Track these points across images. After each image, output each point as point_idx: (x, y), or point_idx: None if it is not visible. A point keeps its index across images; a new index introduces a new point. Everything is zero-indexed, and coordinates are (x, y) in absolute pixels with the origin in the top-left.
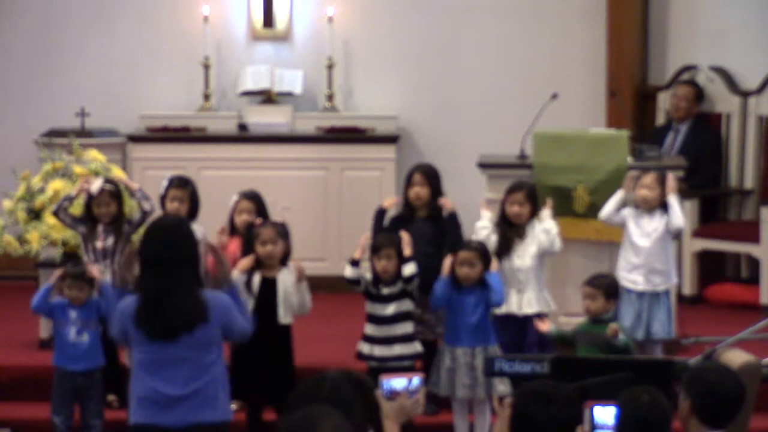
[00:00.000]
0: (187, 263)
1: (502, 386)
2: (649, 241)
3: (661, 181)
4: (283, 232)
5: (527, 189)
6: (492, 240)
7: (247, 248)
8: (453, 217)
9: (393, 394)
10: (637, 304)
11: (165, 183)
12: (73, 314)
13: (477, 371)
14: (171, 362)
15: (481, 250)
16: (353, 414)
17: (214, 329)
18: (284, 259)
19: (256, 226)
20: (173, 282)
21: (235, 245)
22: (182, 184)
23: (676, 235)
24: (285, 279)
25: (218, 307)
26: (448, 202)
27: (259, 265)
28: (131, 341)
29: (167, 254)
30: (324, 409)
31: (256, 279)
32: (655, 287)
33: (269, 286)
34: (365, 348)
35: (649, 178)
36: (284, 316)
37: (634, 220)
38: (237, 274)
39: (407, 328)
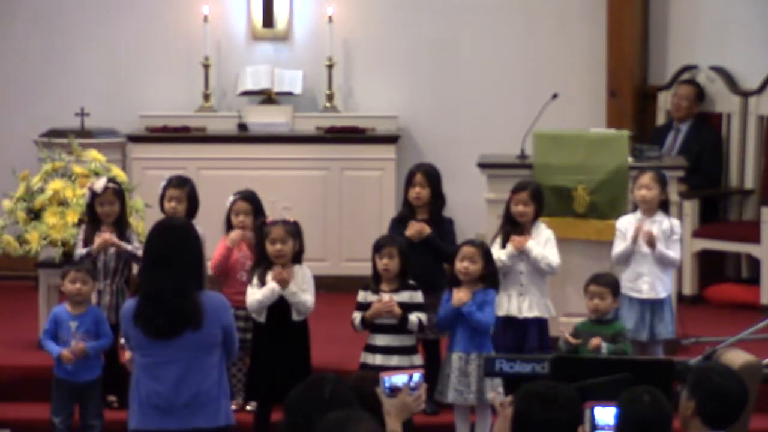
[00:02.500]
0: (190, 265)
1: (493, 393)
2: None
3: (659, 180)
4: (294, 231)
5: (532, 188)
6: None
7: (259, 247)
8: (449, 223)
9: (394, 391)
10: (640, 307)
11: (164, 183)
12: (73, 326)
13: (470, 377)
14: (171, 365)
15: (483, 247)
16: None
17: (215, 331)
18: (297, 258)
19: (267, 225)
20: (174, 282)
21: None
22: (180, 184)
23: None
24: (295, 276)
25: (218, 308)
26: (425, 229)
27: (271, 263)
28: (132, 343)
29: (171, 255)
30: (358, 413)
31: (269, 277)
32: (658, 294)
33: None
34: (368, 358)
35: (647, 178)
36: (297, 314)
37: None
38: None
39: (409, 340)
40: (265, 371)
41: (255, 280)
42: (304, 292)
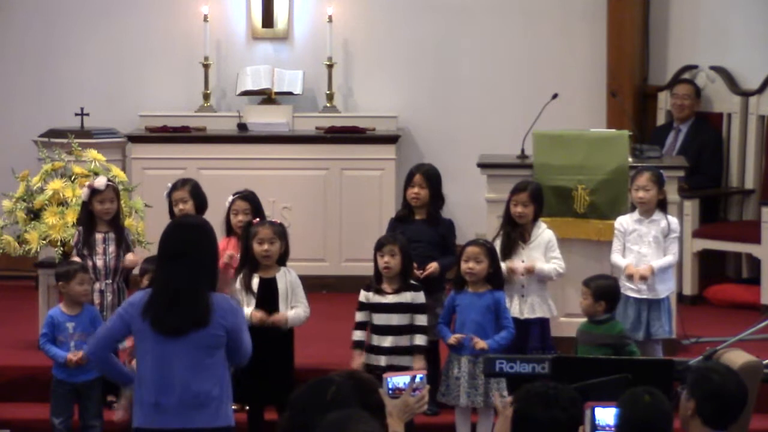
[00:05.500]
0: (204, 263)
1: (497, 394)
2: (651, 249)
3: (656, 180)
4: (281, 232)
5: (531, 189)
6: None
7: (245, 247)
8: (451, 226)
9: (397, 392)
10: (637, 306)
11: (167, 191)
12: (70, 327)
13: (478, 380)
14: (174, 363)
15: (488, 246)
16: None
17: (219, 332)
18: (282, 259)
19: (253, 225)
20: (188, 280)
21: (232, 245)
22: (183, 184)
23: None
24: (284, 278)
25: (225, 310)
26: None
27: (256, 265)
28: (135, 338)
29: (188, 252)
30: (358, 413)
31: (255, 280)
32: (657, 295)
33: (268, 286)
34: (372, 360)
35: (644, 179)
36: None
37: (635, 230)
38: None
39: (411, 341)
40: (247, 374)
41: (238, 284)
42: (296, 307)
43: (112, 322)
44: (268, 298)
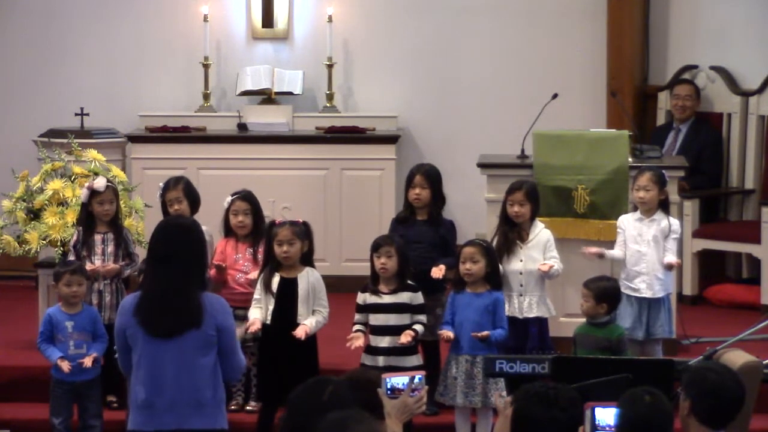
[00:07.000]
0: (194, 264)
1: (496, 395)
2: (650, 249)
3: (657, 181)
4: (301, 232)
5: (527, 188)
6: None
7: (267, 248)
8: (451, 227)
9: (395, 392)
10: (637, 306)
11: (160, 191)
12: (69, 326)
13: (475, 380)
14: (168, 364)
15: (485, 246)
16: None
17: (211, 331)
18: (306, 259)
19: (275, 225)
20: (178, 281)
21: (230, 246)
22: (175, 184)
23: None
24: (305, 279)
25: (215, 309)
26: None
27: (278, 265)
28: (129, 340)
29: (177, 253)
30: (357, 413)
31: (276, 279)
32: (655, 294)
33: (289, 286)
34: (368, 360)
35: (645, 179)
36: (304, 316)
37: (635, 229)
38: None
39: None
40: (272, 373)
41: (259, 285)
42: (316, 313)
43: (118, 343)
44: (287, 298)
